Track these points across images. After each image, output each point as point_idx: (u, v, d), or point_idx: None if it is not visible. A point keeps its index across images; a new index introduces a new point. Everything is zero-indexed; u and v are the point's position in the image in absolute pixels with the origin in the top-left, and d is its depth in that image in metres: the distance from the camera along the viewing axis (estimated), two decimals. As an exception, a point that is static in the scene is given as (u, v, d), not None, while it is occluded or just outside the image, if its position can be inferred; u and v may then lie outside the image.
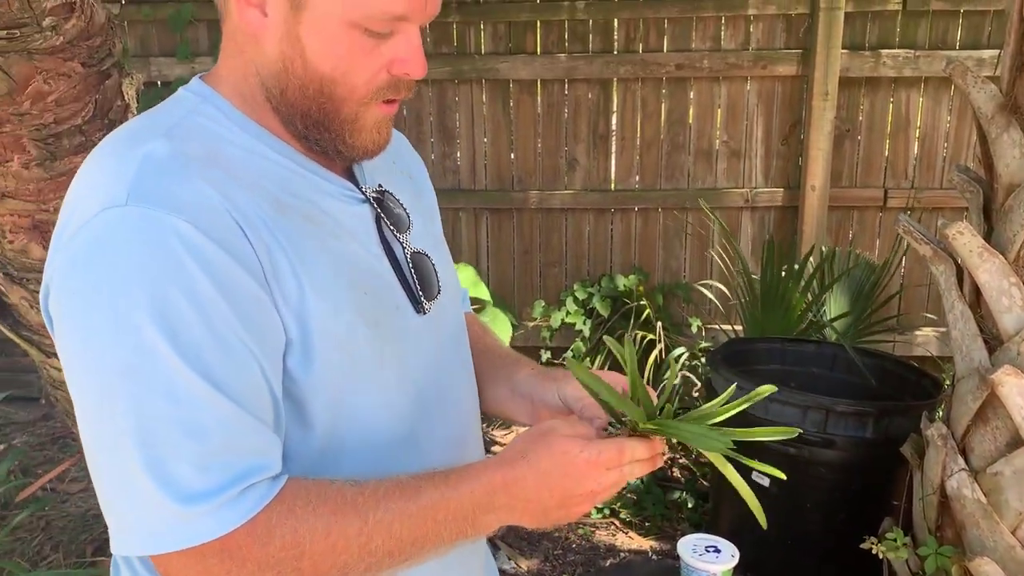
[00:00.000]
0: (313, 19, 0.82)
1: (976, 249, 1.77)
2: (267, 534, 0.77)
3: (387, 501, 0.81)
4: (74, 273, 0.77)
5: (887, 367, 2.83)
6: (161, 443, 0.75)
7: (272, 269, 0.80)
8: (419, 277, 0.96)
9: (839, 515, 2.48)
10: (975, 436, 1.86)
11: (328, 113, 0.86)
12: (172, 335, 0.74)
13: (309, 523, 0.79)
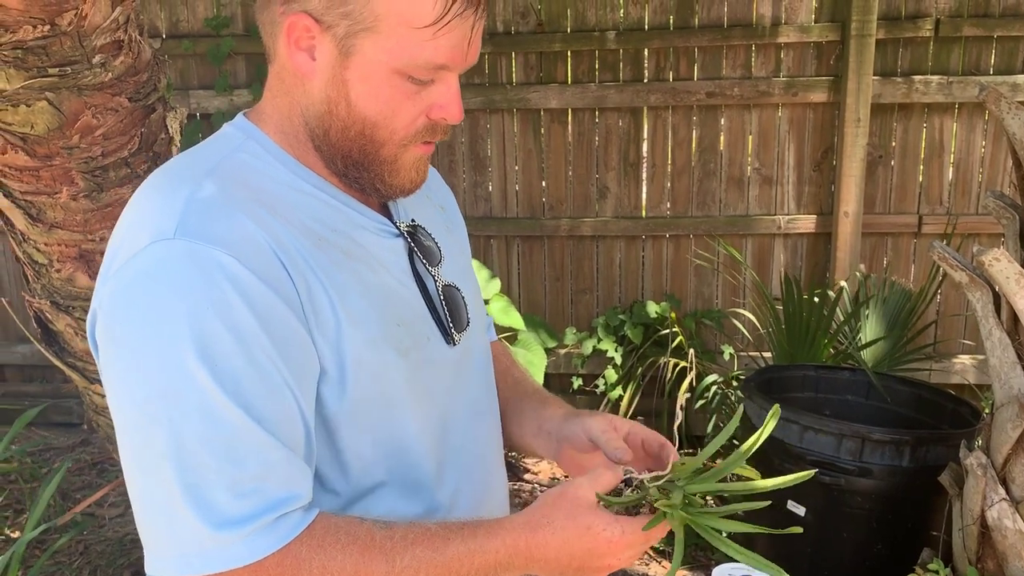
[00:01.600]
0: (360, 65, 0.85)
1: (1013, 275, 1.76)
2: (296, 565, 0.79)
3: (414, 548, 0.82)
4: (121, 302, 0.80)
5: (924, 395, 2.79)
6: (199, 469, 0.77)
7: (310, 302, 0.83)
8: (449, 309, 0.99)
9: (875, 545, 2.44)
10: (1016, 465, 1.83)
11: (368, 154, 0.90)
12: (212, 365, 0.77)
13: (338, 560, 0.80)
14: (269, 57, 0.91)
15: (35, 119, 1.39)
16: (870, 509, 2.42)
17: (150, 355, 0.78)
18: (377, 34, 0.84)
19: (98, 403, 1.88)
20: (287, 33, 0.86)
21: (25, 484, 3.45)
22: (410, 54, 0.84)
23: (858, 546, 2.46)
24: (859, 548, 2.46)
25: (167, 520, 0.78)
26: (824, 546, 2.50)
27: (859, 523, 2.44)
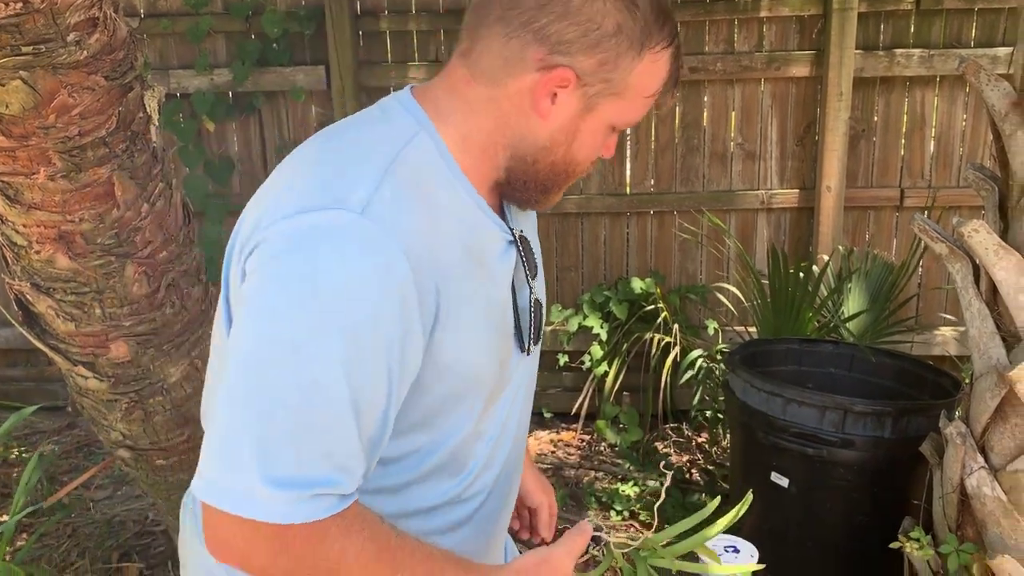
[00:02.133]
0: (594, 120, 0.97)
1: (992, 247, 1.77)
2: (320, 540, 0.84)
3: (417, 565, 0.90)
4: (290, 247, 0.84)
5: (906, 367, 2.82)
6: (282, 424, 0.82)
7: (444, 308, 0.90)
8: (534, 321, 1.06)
9: (858, 515, 2.47)
10: (994, 434, 1.85)
11: (558, 184, 1.02)
12: (348, 344, 0.82)
13: (355, 550, 0.86)
14: (484, 75, 0.95)
15: (10, 98, 1.37)
16: (852, 480, 2.45)
17: (297, 307, 0.82)
18: (620, 99, 0.96)
19: (81, 385, 1.87)
20: (543, 79, 0.93)
21: (11, 468, 3.44)
22: (631, 115, 0.98)
23: (841, 516, 2.50)
24: (842, 518, 2.50)
25: (231, 453, 0.83)
26: (808, 517, 2.53)
27: (842, 493, 2.48)
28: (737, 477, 2.82)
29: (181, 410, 2.01)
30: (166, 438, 2.04)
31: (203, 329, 1.98)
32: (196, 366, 1.98)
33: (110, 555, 2.91)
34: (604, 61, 0.93)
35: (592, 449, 3.73)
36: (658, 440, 3.67)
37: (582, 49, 0.92)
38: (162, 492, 2.25)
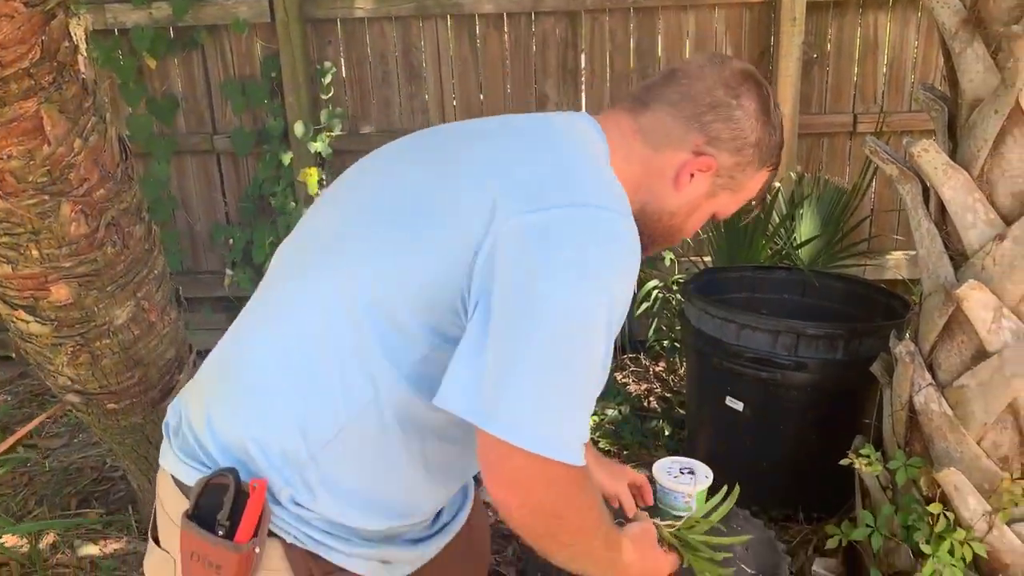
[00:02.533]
0: (711, 204, 1.23)
1: (941, 166, 1.78)
2: (584, 480, 1.05)
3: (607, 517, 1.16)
4: (578, 231, 1.00)
5: (857, 290, 2.86)
6: (579, 392, 1.01)
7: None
8: None
9: (811, 436, 2.53)
10: (941, 351, 1.89)
11: (661, 242, 1.26)
12: (608, 335, 1.01)
13: (590, 495, 1.10)
14: (648, 137, 1.18)
15: (-78, 28, 1.29)
16: (805, 402, 2.50)
17: (585, 289, 0.98)
18: (733, 195, 1.24)
19: (23, 329, 1.82)
20: (693, 161, 1.17)
21: (-38, 420, 3.38)
22: (730, 209, 1.27)
23: (794, 437, 2.55)
24: (796, 439, 2.55)
25: (546, 408, 0.97)
26: (762, 439, 2.58)
27: (795, 415, 2.53)
28: (693, 403, 2.86)
29: (130, 352, 1.97)
30: (116, 382, 2.00)
31: (148, 269, 1.93)
32: (143, 307, 1.94)
33: (68, 502, 2.88)
34: (739, 163, 1.19)
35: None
36: (617, 370, 3.71)
37: (728, 149, 1.18)
38: (116, 437, 2.22)
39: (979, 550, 1.78)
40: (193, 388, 1.20)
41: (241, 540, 1.02)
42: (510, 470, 0.98)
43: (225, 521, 1.03)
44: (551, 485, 1.00)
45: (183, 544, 1.07)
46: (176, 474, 1.12)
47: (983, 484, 1.81)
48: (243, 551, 1.02)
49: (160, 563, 1.17)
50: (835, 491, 2.48)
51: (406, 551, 1.16)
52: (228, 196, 4.04)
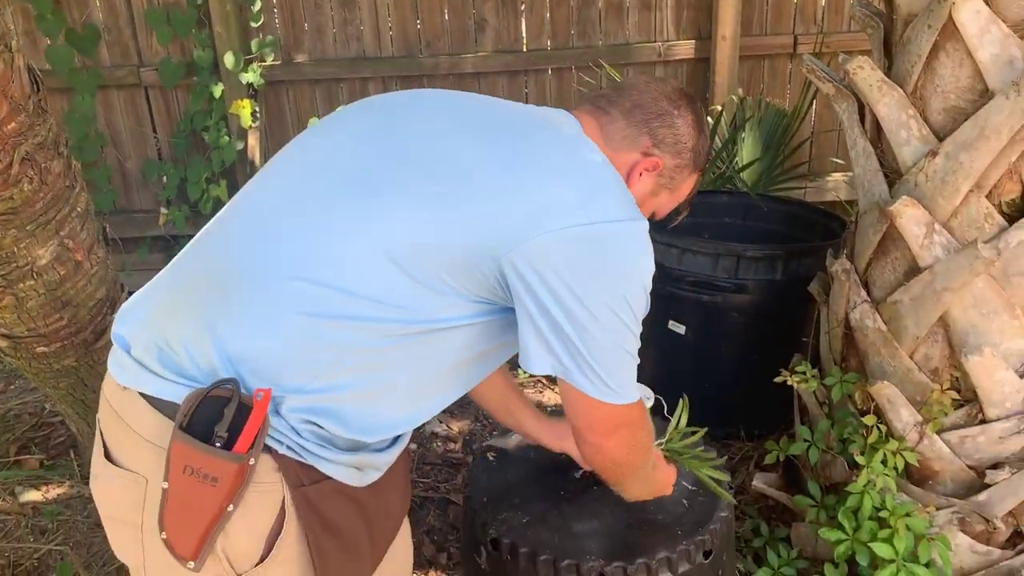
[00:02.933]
0: (653, 202, 1.43)
1: (876, 83, 1.78)
2: (642, 418, 1.37)
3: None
4: (615, 241, 1.17)
5: (797, 212, 2.88)
6: (630, 361, 1.26)
7: None
8: None
9: (752, 356, 2.57)
10: (876, 268, 1.92)
11: None
12: (637, 315, 1.22)
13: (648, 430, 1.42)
14: (608, 138, 1.34)
15: None
16: (746, 323, 2.53)
17: (634, 287, 1.20)
18: (672, 192, 1.43)
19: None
20: (643, 160, 1.35)
21: None
22: (667, 209, 1.48)
23: (736, 358, 2.59)
24: (736, 360, 2.59)
25: (617, 374, 1.23)
26: (704, 361, 2.62)
27: (736, 336, 2.56)
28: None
29: (56, 294, 1.90)
30: (44, 324, 1.94)
31: (70, 207, 1.85)
32: (67, 246, 1.87)
33: (7, 449, 2.82)
34: (678, 164, 1.38)
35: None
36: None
37: (671, 151, 1.36)
38: (49, 381, 2.16)
39: (910, 459, 1.84)
40: (173, 307, 1.18)
41: (240, 450, 1.06)
42: (612, 419, 1.27)
43: (223, 433, 1.06)
44: (632, 422, 1.32)
45: (174, 459, 1.07)
46: (157, 393, 1.12)
47: (915, 396, 1.86)
48: (242, 462, 1.06)
49: (125, 486, 1.16)
50: (775, 409, 2.53)
51: (374, 457, 1.22)
52: (159, 132, 3.89)
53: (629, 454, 1.36)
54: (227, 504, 1.08)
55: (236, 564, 1.13)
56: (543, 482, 1.68)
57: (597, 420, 1.27)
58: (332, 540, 1.18)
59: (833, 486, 2.04)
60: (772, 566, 2.02)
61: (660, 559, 1.47)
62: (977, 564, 1.95)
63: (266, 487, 1.11)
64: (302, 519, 1.14)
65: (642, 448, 1.39)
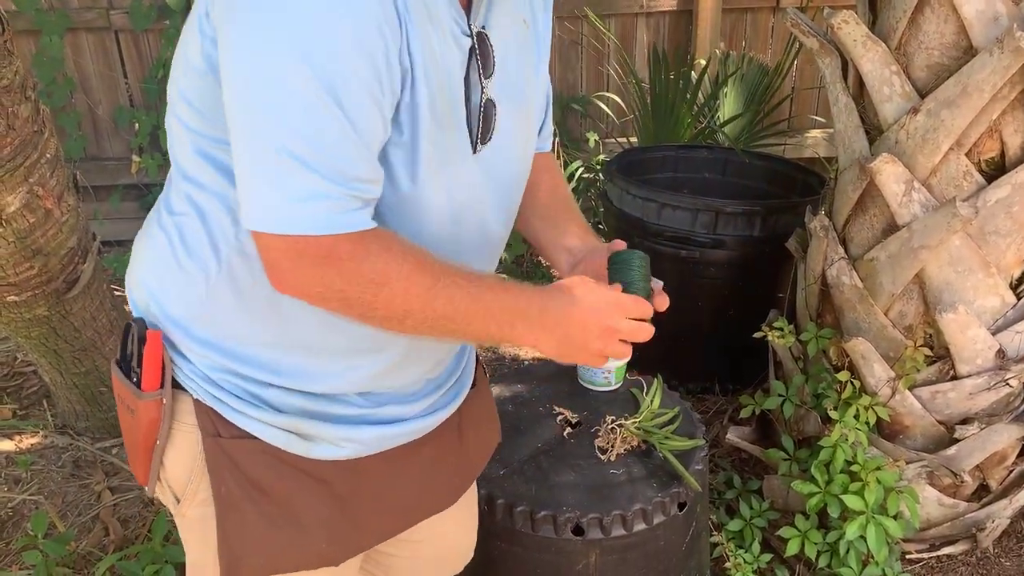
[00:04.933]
0: None
1: (860, 38, 1.76)
2: (364, 255, 0.90)
3: (456, 276, 0.95)
4: None
5: (777, 168, 2.88)
6: (291, 150, 0.85)
7: (406, 43, 0.91)
8: (484, 123, 1.05)
9: (729, 311, 2.58)
10: (854, 225, 1.93)
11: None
12: (322, 65, 0.84)
13: (397, 263, 0.91)
14: None
15: None
16: (724, 278, 2.54)
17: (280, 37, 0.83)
18: None
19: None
20: None
21: None
22: None
23: (712, 313, 2.61)
24: (714, 315, 2.61)
25: (259, 178, 0.87)
26: (681, 316, 2.60)
27: (714, 292, 2.57)
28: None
29: (26, 242, 1.86)
30: (14, 273, 1.91)
31: (38, 152, 1.81)
32: (36, 193, 1.83)
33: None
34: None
35: (477, 265, 3.75)
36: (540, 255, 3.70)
37: None
38: (21, 330, 2.13)
39: (882, 414, 1.86)
40: None
41: (146, 388, 1.05)
42: (274, 262, 0.91)
43: (137, 368, 1.06)
44: (325, 271, 0.89)
45: (115, 389, 1.11)
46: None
47: (888, 352, 1.88)
48: (146, 399, 1.05)
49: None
50: (750, 364, 2.56)
51: (329, 428, 1.09)
52: (130, 77, 3.80)
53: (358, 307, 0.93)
54: (153, 437, 1.08)
55: (177, 495, 1.13)
56: (522, 434, 1.68)
57: (266, 265, 0.92)
58: (253, 502, 1.09)
59: (806, 440, 2.07)
60: (744, 517, 2.05)
61: (635, 511, 1.49)
62: (943, 516, 2.00)
63: (187, 428, 1.08)
64: (212, 470, 1.08)
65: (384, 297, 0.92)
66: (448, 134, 1.00)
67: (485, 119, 1.05)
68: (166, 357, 1.06)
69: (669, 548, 1.57)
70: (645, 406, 1.71)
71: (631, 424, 1.65)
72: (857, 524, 1.78)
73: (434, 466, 1.23)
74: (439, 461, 1.24)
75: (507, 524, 1.51)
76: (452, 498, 1.30)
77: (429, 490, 1.25)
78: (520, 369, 1.94)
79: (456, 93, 1.00)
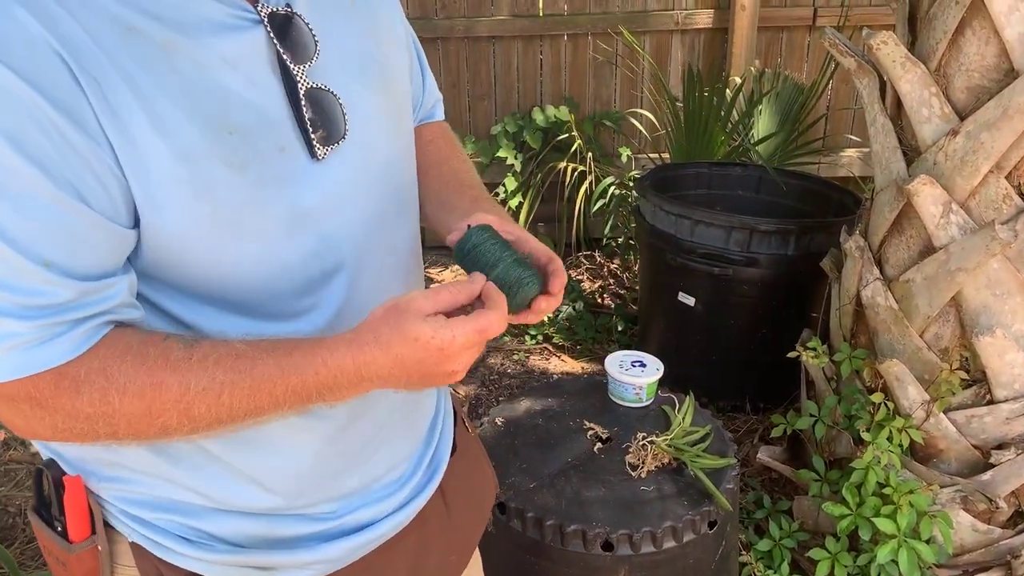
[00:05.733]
0: None
1: (899, 59, 1.76)
2: (75, 387, 0.74)
3: (216, 370, 0.76)
4: None
5: (811, 187, 2.87)
6: None
7: (106, 104, 0.71)
8: (319, 116, 0.84)
9: (761, 330, 2.58)
10: (890, 246, 1.91)
11: None
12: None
13: (120, 383, 0.74)
14: None
15: None
16: (756, 296, 2.53)
17: None
18: None
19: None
20: None
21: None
22: None
23: (744, 331, 2.60)
24: (745, 333, 2.60)
25: None
26: (713, 334, 2.62)
27: (746, 310, 2.56)
28: (645, 299, 2.89)
29: None
30: None
31: None
32: None
33: None
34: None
35: (507, 279, 3.76)
36: (572, 268, 3.72)
37: None
38: None
39: (916, 436, 1.84)
40: None
41: (75, 539, 0.90)
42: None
43: (60, 516, 0.90)
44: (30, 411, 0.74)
45: (39, 539, 0.95)
46: None
47: (923, 375, 1.87)
48: (75, 551, 0.90)
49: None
50: (781, 383, 2.54)
51: (288, 555, 0.94)
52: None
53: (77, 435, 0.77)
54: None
55: None
56: (552, 448, 1.69)
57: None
58: None
59: (837, 461, 2.05)
60: (774, 537, 2.04)
61: (665, 528, 1.49)
62: (977, 542, 1.97)
63: (131, 571, 0.93)
64: None
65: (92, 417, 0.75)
66: (257, 154, 0.80)
67: (323, 111, 0.85)
68: (91, 501, 0.90)
69: (698, 566, 1.57)
70: (677, 423, 1.71)
71: (662, 441, 1.65)
72: (889, 548, 1.76)
73: (422, 553, 1.07)
74: (427, 545, 1.07)
75: (536, 537, 1.52)
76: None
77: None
78: (550, 383, 1.95)
79: (263, 102, 0.81)
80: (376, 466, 0.99)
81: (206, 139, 0.76)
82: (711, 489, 1.55)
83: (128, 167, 0.73)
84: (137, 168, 0.74)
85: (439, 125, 1.18)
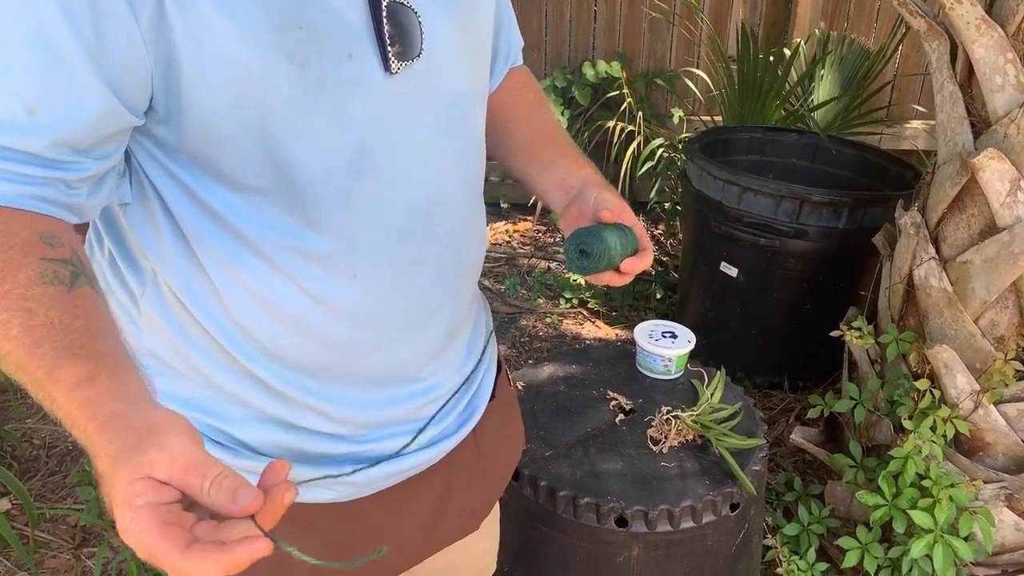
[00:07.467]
0: None
1: (974, 21, 1.62)
2: None
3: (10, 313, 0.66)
4: None
5: (870, 158, 2.73)
6: None
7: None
8: (397, 31, 0.81)
9: (804, 305, 2.46)
10: (949, 224, 1.79)
11: None
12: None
13: None
14: None
15: None
16: (802, 270, 2.42)
17: None
18: None
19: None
20: None
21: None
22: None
23: (788, 306, 2.49)
24: (788, 308, 2.49)
25: None
26: (754, 307, 2.52)
27: (790, 284, 2.45)
28: (687, 267, 2.78)
29: None
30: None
31: None
32: None
33: None
34: None
35: (546, 240, 3.68)
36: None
37: None
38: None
39: (962, 428, 1.74)
40: None
41: None
42: None
43: None
44: None
45: None
46: None
47: (975, 363, 1.75)
48: None
49: None
50: (822, 362, 2.44)
51: (310, 470, 0.93)
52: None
53: None
54: None
55: None
56: (572, 417, 1.62)
57: None
58: None
59: (875, 448, 1.95)
60: (802, 522, 1.96)
61: (684, 507, 1.42)
62: (1020, 542, 1.86)
63: None
64: None
65: None
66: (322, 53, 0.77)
67: (401, 27, 0.82)
68: None
69: (717, 549, 1.50)
70: (704, 399, 1.63)
71: (687, 416, 1.57)
72: (924, 542, 1.67)
73: (447, 494, 1.06)
74: (452, 488, 1.07)
75: (548, 507, 1.46)
76: (472, 525, 1.13)
77: (443, 521, 1.07)
78: (577, 350, 1.87)
79: (341, 6, 0.78)
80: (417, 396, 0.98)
81: (274, 28, 0.74)
82: (735, 470, 1.47)
83: (184, 40, 0.71)
84: (190, 47, 0.72)
85: (524, 70, 1.16)
